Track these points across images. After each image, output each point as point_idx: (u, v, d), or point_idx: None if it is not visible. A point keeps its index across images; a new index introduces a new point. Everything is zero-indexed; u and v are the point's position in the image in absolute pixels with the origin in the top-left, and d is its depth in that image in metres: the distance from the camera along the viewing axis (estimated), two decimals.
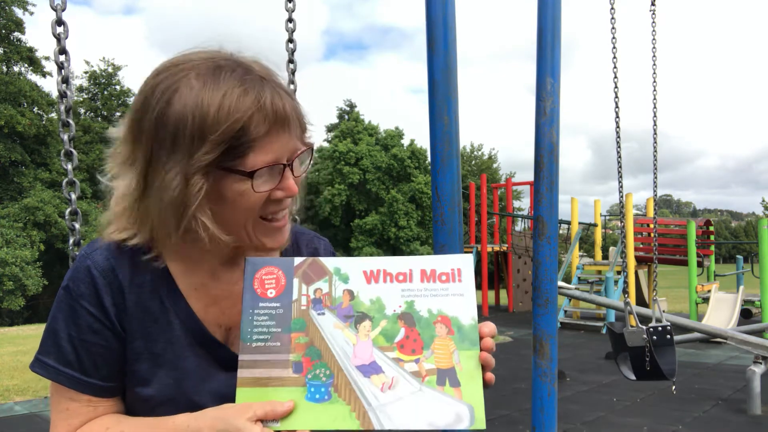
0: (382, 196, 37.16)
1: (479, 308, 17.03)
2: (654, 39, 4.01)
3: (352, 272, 0.99)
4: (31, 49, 27.89)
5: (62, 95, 1.65)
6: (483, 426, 0.90)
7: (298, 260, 1.00)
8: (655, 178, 4.41)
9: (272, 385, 0.93)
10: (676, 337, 4.33)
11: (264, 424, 0.89)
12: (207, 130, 0.92)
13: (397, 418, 0.90)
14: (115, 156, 1.03)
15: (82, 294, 1.01)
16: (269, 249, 1.07)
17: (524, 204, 44.16)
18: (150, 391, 1.02)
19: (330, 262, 1.00)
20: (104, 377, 1.02)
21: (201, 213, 0.97)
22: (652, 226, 4.94)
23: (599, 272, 14.93)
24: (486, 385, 0.94)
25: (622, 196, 3.88)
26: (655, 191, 4.51)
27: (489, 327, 0.96)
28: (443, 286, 0.98)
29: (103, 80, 32.72)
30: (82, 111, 32.51)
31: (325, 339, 0.95)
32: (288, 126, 0.99)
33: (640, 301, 14.94)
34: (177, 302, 1.06)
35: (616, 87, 3.44)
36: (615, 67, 3.39)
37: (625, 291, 3.91)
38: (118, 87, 32.91)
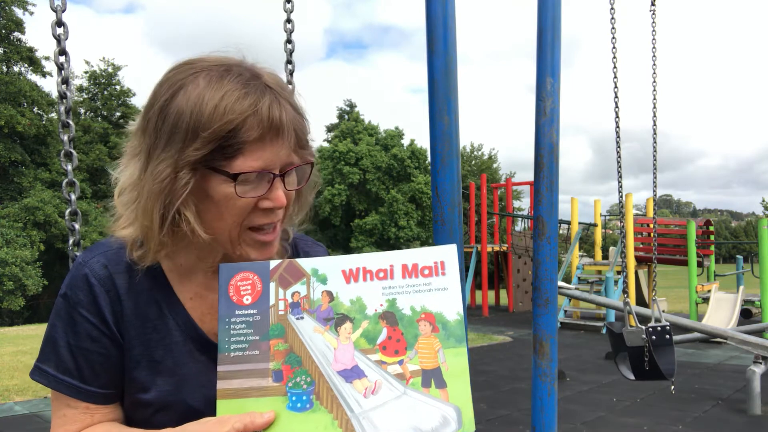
0: (382, 196, 37.15)
1: (479, 308, 17.02)
2: (654, 39, 4.01)
3: (331, 272, 0.95)
4: (31, 49, 27.86)
5: (62, 96, 1.65)
6: (472, 429, 0.87)
7: (273, 263, 0.96)
8: (655, 178, 4.41)
9: (252, 395, 0.89)
10: (676, 337, 4.33)
11: None
12: (201, 126, 0.93)
13: (381, 425, 0.87)
14: (127, 148, 1.05)
15: (80, 302, 1.01)
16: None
17: (524, 204, 44.16)
18: (149, 397, 1.02)
19: (307, 263, 0.96)
20: (103, 385, 1.02)
21: (185, 208, 0.97)
22: (652, 226, 4.94)
23: (599, 272, 14.94)
24: None
25: (622, 196, 3.87)
26: (654, 191, 4.51)
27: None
28: (426, 280, 0.94)
29: (103, 80, 32.69)
30: (82, 111, 32.49)
31: (305, 344, 0.92)
32: (282, 136, 0.96)
33: (640, 301, 14.93)
34: (176, 309, 1.05)
35: (616, 87, 3.44)
36: (615, 67, 3.39)
37: (624, 291, 3.91)
38: (118, 87, 32.88)
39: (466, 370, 0.90)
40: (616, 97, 3.45)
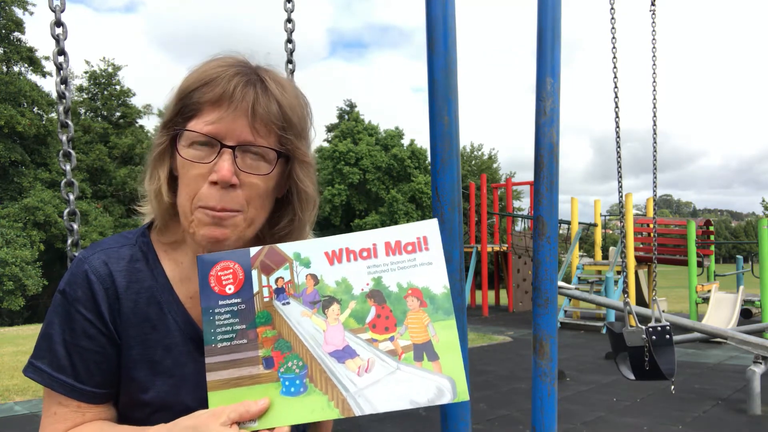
0: (382, 196, 37.13)
1: (479, 308, 17.02)
2: (654, 39, 4.00)
3: (313, 255, 0.94)
4: (31, 49, 27.84)
5: (61, 96, 1.65)
6: (466, 398, 0.88)
7: (253, 250, 0.95)
8: (655, 178, 4.41)
9: (244, 384, 0.89)
10: (677, 337, 4.33)
11: (241, 425, 0.86)
12: (178, 89, 1.00)
13: (376, 401, 0.88)
14: None
15: (78, 299, 1.00)
16: (204, 244, 0.99)
17: (524, 204, 44.14)
18: (148, 398, 1.01)
19: (288, 248, 0.95)
20: (97, 384, 1.00)
21: (160, 167, 1.02)
22: (652, 226, 4.94)
23: (599, 272, 14.94)
24: None
25: (622, 196, 3.87)
26: (654, 191, 4.51)
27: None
28: (410, 256, 0.94)
29: (103, 80, 32.63)
30: (82, 111, 32.44)
31: (293, 329, 0.92)
32: (239, 108, 0.95)
33: (640, 301, 14.94)
34: (176, 310, 1.05)
35: (615, 87, 3.44)
36: (615, 68, 3.38)
37: (625, 291, 3.90)
38: (118, 87, 32.84)
39: (456, 342, 0.91)
40: (617, 97, 3.45)
